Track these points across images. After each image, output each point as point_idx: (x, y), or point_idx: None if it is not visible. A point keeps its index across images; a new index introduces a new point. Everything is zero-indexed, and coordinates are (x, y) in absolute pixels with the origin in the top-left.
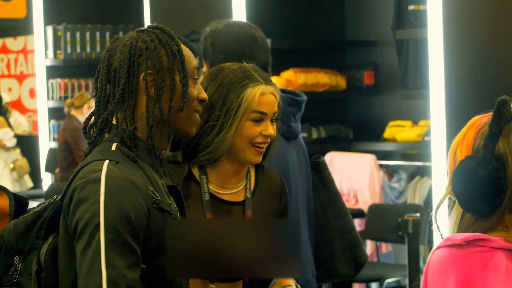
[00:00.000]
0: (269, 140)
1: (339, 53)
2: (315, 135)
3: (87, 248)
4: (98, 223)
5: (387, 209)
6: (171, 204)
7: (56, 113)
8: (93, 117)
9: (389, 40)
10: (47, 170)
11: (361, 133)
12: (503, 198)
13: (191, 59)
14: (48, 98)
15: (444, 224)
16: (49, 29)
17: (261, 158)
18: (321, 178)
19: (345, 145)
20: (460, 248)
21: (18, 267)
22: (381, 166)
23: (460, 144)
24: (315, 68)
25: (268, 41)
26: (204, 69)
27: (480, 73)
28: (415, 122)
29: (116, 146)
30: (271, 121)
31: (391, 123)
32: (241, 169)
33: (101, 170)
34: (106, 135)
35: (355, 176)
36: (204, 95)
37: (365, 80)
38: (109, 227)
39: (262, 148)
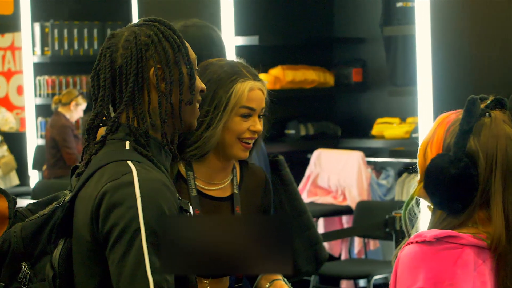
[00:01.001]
0: (256, 136)
1: (327, 50)
2: (303, 132)
3: (127, 254)
4: (138, 228)
5: (375, 206)
6: (188, 202)
7: (43, 110)
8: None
9: (377, 37)
10: (34, 167)
11: (349, 130)
12: (475, 195)
13: (191, 50)
14: (35, 95)
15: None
16: (37, 26)
17: (248, 153)
18: (280, 177)
19: (333, 142)
20: (430, 244)
21: (27, 273)
22: (369, 163)
23: (430, 142)
24: (303, 65)
25: (256, 38)
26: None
27: (467, 70)
28: (403, 119)
29: (130, 145)
30: (259, 117)
31: (379, 120)
32: (227, 165)
33: (131, 171)
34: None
35: (343, 173)
36: (203, 85)
37: (353, 77)
38: (150, 231)
39: (250, 144)
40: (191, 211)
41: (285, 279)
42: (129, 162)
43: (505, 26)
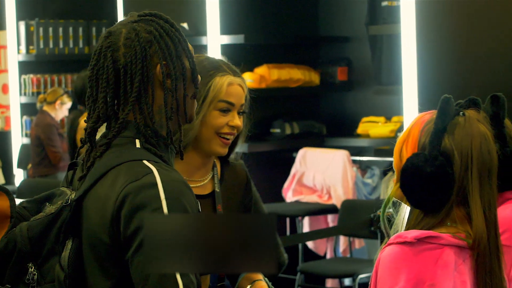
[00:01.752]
0: (235, 132)
1: (312, 49)
2: (288, 131)
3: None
4: None
5: (360, 205)
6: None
7: (28, 109)
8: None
9: (362, 36)
10: (19, 166)
11: (334, 128)
12: (451, 193)
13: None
14: (20, 94)
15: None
16: (22, 24)
17: (227, 150)
18: None
19: (318, 141)
20: (411, 245)
21: (34, 274)
22: (354, 161)
23: (405, 142)
24: (289, 64)
25: (242, 37)
26: None
27: (452, 70)
28: (388, 118)
29: (140, 144)
30: (239, 113)
31: (364, 119)
32: (207, 162)
33: (151, 172)
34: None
35: (328, 171)
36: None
37: (338, 76)
38: None
39: (229, 139)
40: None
41: (267, 280)
42: (146, 162)
43: (490, 25)
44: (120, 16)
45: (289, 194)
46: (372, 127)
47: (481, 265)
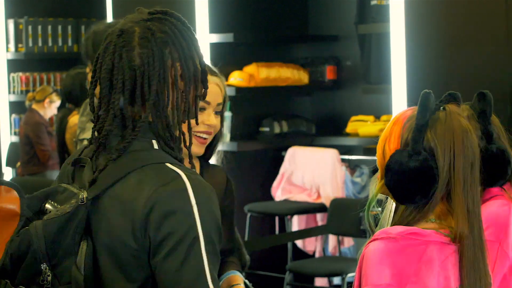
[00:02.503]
0: (212, 131)
1: (301, 48)
2: (277, 130)
3: (185, 263)
4: (196, 237)
5: (349, 204)
6: None
7: (17, 107)
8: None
9: (351, 35)
10: (8, 164)
11: (323, 127)
12: (435, 188)
13: None
14: (9, 92)
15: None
16: (11, 22)
17: (203, 149)
18: None
19: (307, 140)
20: (395, 241)
21: (49, 275)
22: (343, 160)
23: (388, 139)
24: (278, 62)
25: (231, 35)
26: (88, 69)
27: (441, 68)
28: (377, 117)
29: (159, 146)
30: (216, 113)
31: (353, 118)
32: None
33: (180, 176)
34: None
35: (317, 170)
36: None
37: (327, 75)
38: (208, 240)
39: (205, 139)
40: None
41: (247, 282)
42: (170, 165)
43: (479, 24)
44: (109, 15)
45: (278, 193)
46: (361, 126)
47: (465, 260)
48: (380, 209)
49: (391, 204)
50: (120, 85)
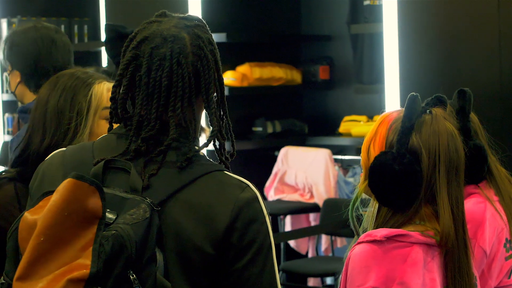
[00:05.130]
0: None
1: (294, 48)
2: (270, 130)
3: (263, 271)
4: (270, 244)
5: (342, 204)
6: None
7: (10, 106)
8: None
9: (344, 35)
10: (1, 163)
11: (316, 127)
12: (419, 191)
13: None
14: (2, 91)
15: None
16: (4, 22)
17: None
18: None
19: (300, 140)
20: (380, 244)
21: (136, 283)
22: (336, 160)
23: (373, 140)
24: (270, 62)
25: (223, 35)
26: (8, 71)
27: (434, 68)
28: (370, 117)
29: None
30: None
31: (346, 118)
32: None
33: (248, 185)
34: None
35: (310, 170)
36: None
37: (320, 75)
38: (274, 247)
39: None
40: None
41: None
42: (229, 173)
43: (472, 23)
44: (102, 14)
45: (271, 193)
46: (354, 126)
47: (450, 262)
48: (366, 209)
49: (374, 206)
50: (181, 92)
